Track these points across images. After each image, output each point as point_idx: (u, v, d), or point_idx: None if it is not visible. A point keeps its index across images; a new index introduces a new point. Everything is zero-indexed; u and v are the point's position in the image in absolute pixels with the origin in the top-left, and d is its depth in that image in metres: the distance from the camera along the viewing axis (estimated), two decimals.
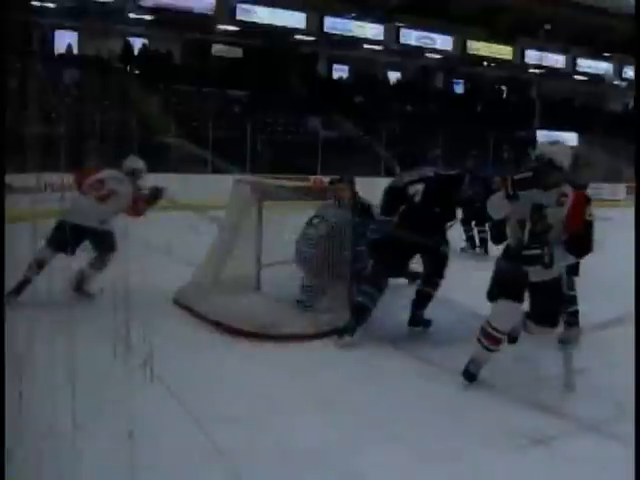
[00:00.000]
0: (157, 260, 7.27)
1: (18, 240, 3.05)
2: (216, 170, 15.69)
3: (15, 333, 2.59)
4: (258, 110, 20.97)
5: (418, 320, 5.51)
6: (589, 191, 4.88)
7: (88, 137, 14.74)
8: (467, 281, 5.89)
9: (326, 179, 6.27)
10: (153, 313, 5.58)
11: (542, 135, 24.63)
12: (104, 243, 6.10)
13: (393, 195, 5.58)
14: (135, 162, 6.53)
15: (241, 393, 4.00)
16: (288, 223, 6.18)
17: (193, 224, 7.67)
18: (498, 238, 4.66)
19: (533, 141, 5.60)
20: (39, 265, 5.57)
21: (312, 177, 16.51)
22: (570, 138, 25.23)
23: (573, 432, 3.65)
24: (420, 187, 5.44)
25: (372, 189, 6.47)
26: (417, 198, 5.39)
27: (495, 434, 3.56)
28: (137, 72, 21.21)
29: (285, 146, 18.59)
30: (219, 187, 7.72)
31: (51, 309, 2.98)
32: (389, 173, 18.10)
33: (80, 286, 6.14)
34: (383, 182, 6.01)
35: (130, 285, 4.31)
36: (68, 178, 13.76)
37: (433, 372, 4.59)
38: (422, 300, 5.51)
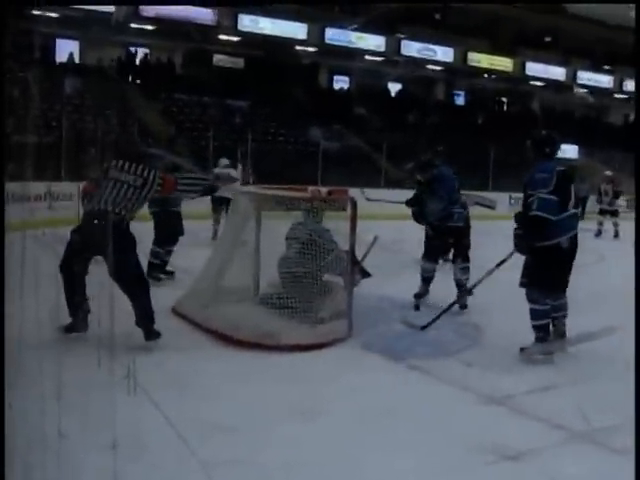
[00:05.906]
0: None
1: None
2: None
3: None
4: (259, 120, 20.98)
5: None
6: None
7: (89, 145, 14.74)
8: None
9: (324, 189, 6.27)
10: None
11: None
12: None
13: None
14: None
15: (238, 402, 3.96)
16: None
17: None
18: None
19: (553, 141, 5.63)
20: (217, 221, 10.58)
21: (310, 188, 16.41)
22: (571, 150, 25.22)
23: None
24: None
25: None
26: None
27: None
28: (138, 81, 21.26)
29: (286, 156, 18.57)
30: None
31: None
32: (389, 184, 18.09)
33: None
34: (383, 193, 6.02)
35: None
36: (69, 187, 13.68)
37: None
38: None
